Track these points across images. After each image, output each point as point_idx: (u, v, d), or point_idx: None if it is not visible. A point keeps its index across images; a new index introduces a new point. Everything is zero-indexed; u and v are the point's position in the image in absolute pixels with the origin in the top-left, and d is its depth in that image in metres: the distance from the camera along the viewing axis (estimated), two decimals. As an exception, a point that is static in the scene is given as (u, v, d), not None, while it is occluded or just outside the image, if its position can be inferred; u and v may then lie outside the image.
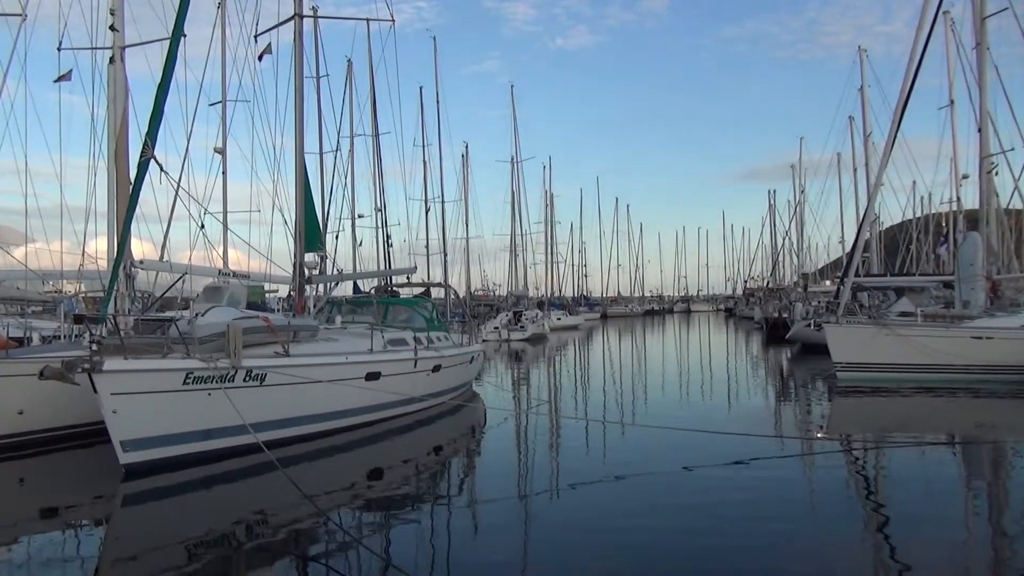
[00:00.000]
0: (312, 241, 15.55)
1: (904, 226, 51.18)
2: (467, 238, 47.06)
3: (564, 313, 59.17)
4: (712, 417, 13.48)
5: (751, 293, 71.92)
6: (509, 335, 39.66)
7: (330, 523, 7.18)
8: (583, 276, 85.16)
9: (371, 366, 12.26)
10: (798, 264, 58.71)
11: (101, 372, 8.66)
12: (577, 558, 6.30)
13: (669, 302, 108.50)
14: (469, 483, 9.64)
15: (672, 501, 8.13)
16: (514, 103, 51.95)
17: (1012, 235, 26.08)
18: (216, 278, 14.40)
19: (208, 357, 9.69)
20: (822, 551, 6.44)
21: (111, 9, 13.50)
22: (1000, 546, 6.77)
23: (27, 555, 6.71)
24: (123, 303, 12.47)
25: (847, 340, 18.49)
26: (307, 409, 11.14)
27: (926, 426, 13.75)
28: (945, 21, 25.48)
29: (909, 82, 19.06)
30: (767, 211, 68.04)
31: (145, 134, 11.10)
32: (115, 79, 13.65)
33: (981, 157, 21.47)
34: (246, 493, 8.88)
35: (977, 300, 20.39)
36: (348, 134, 30.47)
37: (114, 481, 8.76)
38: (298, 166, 15.18)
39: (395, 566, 6.06)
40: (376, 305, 16.35)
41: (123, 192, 12.65)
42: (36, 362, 9.66)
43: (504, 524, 7.44)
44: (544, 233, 62.93)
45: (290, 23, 15.44)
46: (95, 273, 15.36)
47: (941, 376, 17.31)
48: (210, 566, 6.27)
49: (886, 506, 8.10)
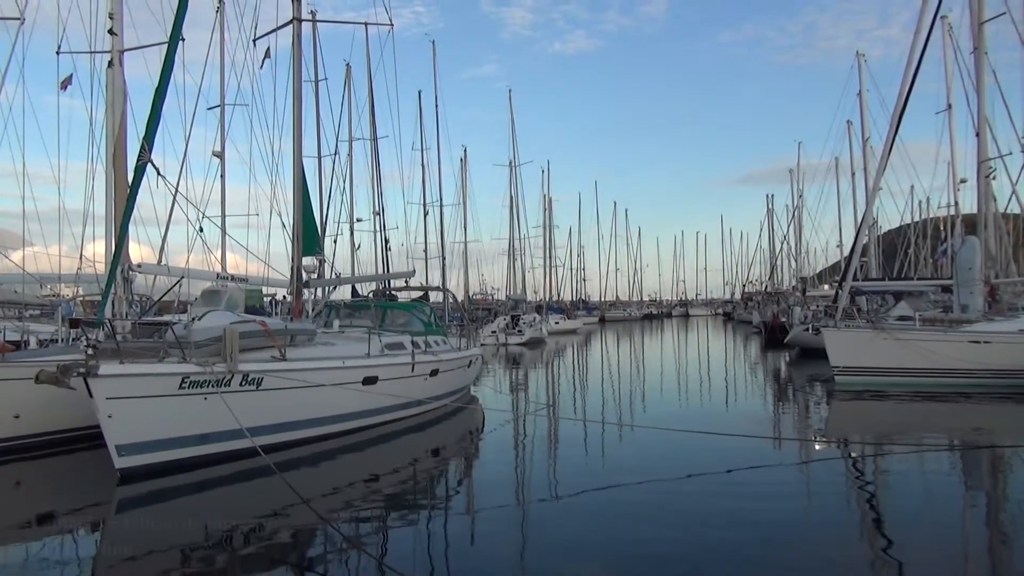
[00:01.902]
0: (310, 245, 15.55)
1: (902, 230, 51.26)
2: (465, 242, 47.21)
3: (562, 317, 59.08)
4: (711, 421, 13.44)
5: (749, 297, 71.99)
6: (507, 339, 39.66)
7: (327, 528, 7.15)
8: (581, 280, 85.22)
9: (369, 370, 12.24)
10: (796, 268, 58.87)
11: (96, 376, 8.64)
12: (575, 564, 6.28)
13: (667, 306, 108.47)
14: (467, 488, 9.60)
15: (670, 506, 8.10)
16: (512, 107, 52.02)
17: (1010, 239, 26.12)
18: (214, 282, 14.38)
19: (204, 361, 9.66)
20: (820, 556, 6.41)
21: (110, 13, 13.53)
22: (998, 551, 6.75)
23: (23, 559, 6.66)
24: (120, 307, 12.45)
25: (845, 344, 18.49)
26: (304, 413, 11.11)
27: (924, 430, 13.72)
28: (943, 26, 25.50)
29: (907, 86, 19.11)
30: (765, 215, 68.21)
31: (142, 137, 11.09)
32: (113, 83, 13.67)
33: (979, 161, 21.49)
34: (242, 498, 8.85)
35: (975, 304, 20.39)
36: (347, 138, 30.56)
37: (110, 485, 8.73)
38: (296, 170, 15.19)
39: (392, 570, 6.03)
40: (374, 309, 16.34)
41: (121, 196, 12.65)
42: (32, 366, 9.64)
43: (502, 529, 7.42)
44: (542, 237, 62.98)
45: (288, 27, 15.49)
46: (92, 277, 15.36)
47: (939, 380, 17.30)
48: (205, 571, 6.25)
49: (884, 511, 8.09)
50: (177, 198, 13.66)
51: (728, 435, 11.40)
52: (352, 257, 30.34)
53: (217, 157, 22.57)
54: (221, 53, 21.61)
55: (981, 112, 21.44)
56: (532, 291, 60.86)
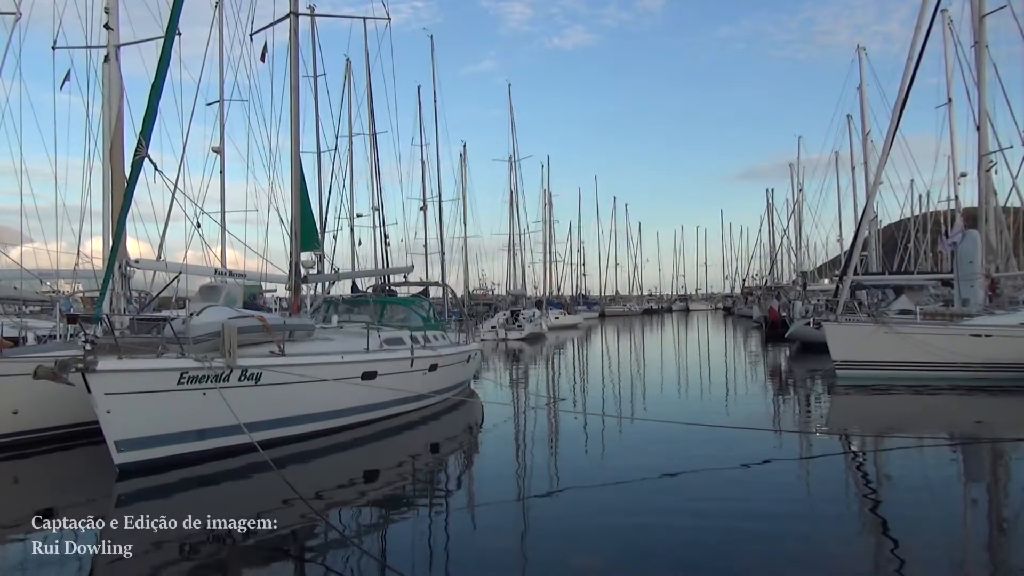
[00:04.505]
0: (309, 240, 15.49)
1: (903, 224, 51.19)
2: (465, 237, 47.08)
3: (562, 312, 59.04)
4: (712, 415, 13.42)
5: (749, 292, 71.91)
6: (506, 334, 39.61)
7: (325, 524, 7.13)
8: (581, 275, 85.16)
9: (367, 365, 12.20)
10: (796, 263, 58.74)
11: (95, 372, 8.60)
12: (577, 558, 6.24)
13: (667, 301, 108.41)
14: (466, 483, 9.57)
15: (671, 499, 8.08)
16: (511, 102, 51.73)
17: (1010, 233, 26.07)
18: (212, 277, 14.34)
19: (203, 357, 9.62)
20: (820, 550, 6.38)
21: (105, 8, 13.47)
22: (999, 545, 6.73)
23: (22, 555, 6.64)
24: (118, 302, 12.41)
25: (846, 338, 18.46)
26: (303, 409, 11.07)
27: (925, 424, 13.72)
28: (943, 19, 25.37)
29: (908, 80, 19.01)
30: (765, 210, 68.24)
31: (139, 133, 11.04)
32: (110, 78, 13.60)
33: (980, 155, 21.41)
34: (241, 493, 8.83)
35: (976, 298, 20.37)
36: (346, 133, 30.47)
37: (108, 481, 8.70)
38: (294, 165, 15.12)
39: (391, 567, 6.01)
40: (373, 304, 16.29)
41: (118, 191, 12.59)
42: (30, 362, 9.58)
43: (501, 524, 7.39)
44: (542, 232, 62.80)
45: (286, 21, 15.39)
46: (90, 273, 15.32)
47: (940, 374, 17.27)
48: (204, 567, 6.23)
49: (885, 504, 8.06)
50: (175, 194, 13.63)
51: (729, 428, 11.41)
52: (353, 253, 30.32)
53: (216, 153, 22.52)
54: (220, 48, 21.57)
55: (982, 106, 21.37)
56: (532, 286, 60.87)
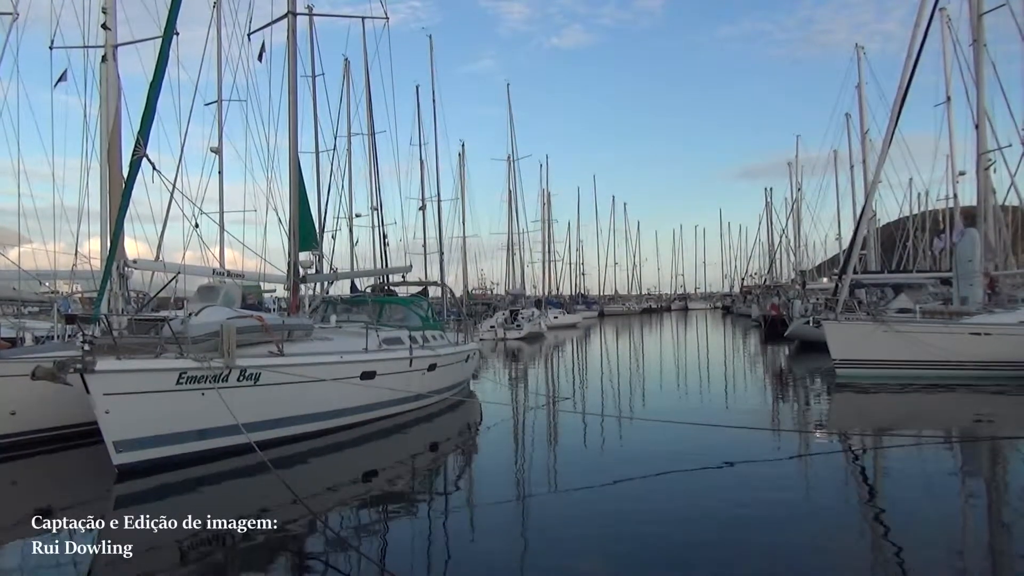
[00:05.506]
0: (307, 240, 15.46)
1: (901, 223, 51.16)
2: (464, 237, 46.98)
3: (561, 311, 59.04)
4: (712, 414, 13.43)
5: (748, 291, 71.93)
6: (505, 334, 39.59)
7: (323, 524, 7.11)
8: (580, 274, 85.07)
9: (366, 365, 12.18)
10: (795, 261, 58.81)
11: (93, 372, 8.58)
12: (576, 557, 6.24)
13: (666, 300, 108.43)
14: (465, 483, 9.56)
15: (671, 499, 8.08)
16: (510, 101, 51.69)
17: (1009, 231, 26.07)
18: (210, 277, 14.32)
19: (202, 357, 9.61)
20: (821, 549, 6.37)
21: (103, 8, 13.42)
22: (999, 543, 6.73)
23: (20, 557, 6.63)
24: (116, 303, 12.39)
25: (846, 337, 18.45)
26: (302, 409, 11.06)
27: (924, 422, 13.71)
28: (942, 18, 25.37)
29: (907, 79, 18.98)
30: (764, 209, 68.21)
31: (137, 133, 11.02)
32: (108, 78, 13.56)
33: (978, 154, 21.40)
34: (241, 494, 8.81)
35: (975, 296, 20.37)
36: (344, 133, 30.41)
37: (107, 482, 8.68)
38: (292, 165, 15.09)
39: (389, 570, 5.99)
40: (371, 304, 16.27)
41: (116, 192, 12.56)
42: (29, 362, 9.57)
43: (500, 525, 7.38)
44: (541, 231, 62.83)
45: (284, 21, 15.36)
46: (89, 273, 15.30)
47: (939, 372, 17.27)
48: (203, 567, 6.21)
49: (884, 503, 8.06)
50: (174, 194, 13.61)
51: (729, 427, 11.38)
52: (351, 253, 30.27)
53: (214, 153, 22.47)
54: (218, 48, 21.51)
55: (980, 104, 21.37)
56: (531, 286, 60.94)
